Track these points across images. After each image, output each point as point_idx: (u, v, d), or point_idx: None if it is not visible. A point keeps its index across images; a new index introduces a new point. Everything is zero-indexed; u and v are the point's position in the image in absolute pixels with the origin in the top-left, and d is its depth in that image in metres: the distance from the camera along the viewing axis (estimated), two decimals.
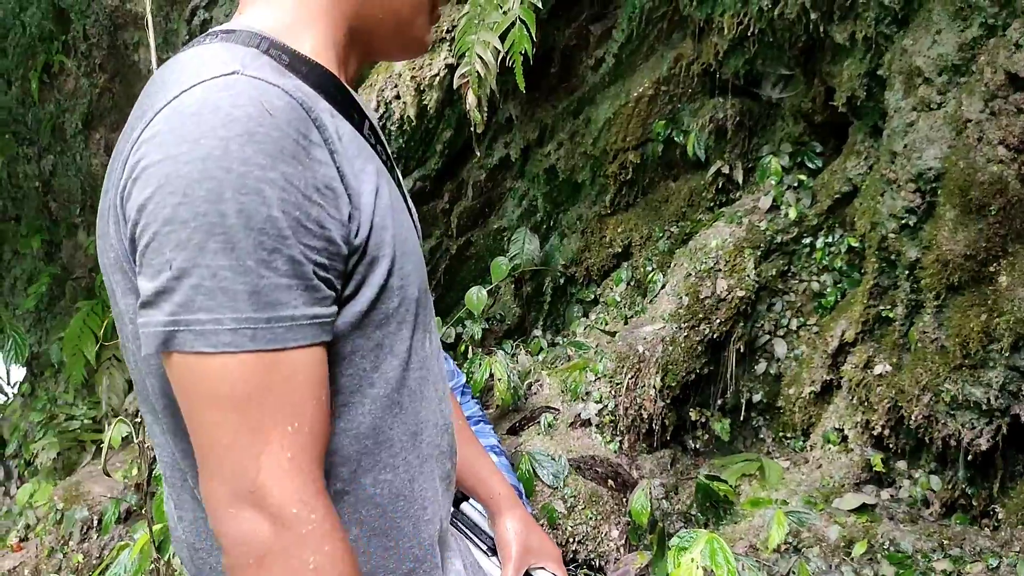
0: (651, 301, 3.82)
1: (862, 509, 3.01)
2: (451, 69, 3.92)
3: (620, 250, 4.38)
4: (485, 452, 1.41)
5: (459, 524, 1.40)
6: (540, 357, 4.23)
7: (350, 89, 0.99)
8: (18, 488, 6.44)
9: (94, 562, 5.12)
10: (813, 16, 3.42)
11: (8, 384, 7.04)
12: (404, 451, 0.98)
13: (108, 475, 3.91)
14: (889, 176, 3.07)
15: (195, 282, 0.77)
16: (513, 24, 3.51)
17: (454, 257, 4.68)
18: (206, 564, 0.98)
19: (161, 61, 4.68)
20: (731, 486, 3.28)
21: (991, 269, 2.82)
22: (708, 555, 2.16)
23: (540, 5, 3.48)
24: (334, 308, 0.85)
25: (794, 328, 3.67)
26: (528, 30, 3.47)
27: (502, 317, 4.70)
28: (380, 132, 1.04)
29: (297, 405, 0.81)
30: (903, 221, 3.02)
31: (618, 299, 4.24)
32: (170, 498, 1.01)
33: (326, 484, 0.91)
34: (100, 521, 5.14)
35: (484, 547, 1.38)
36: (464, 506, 1.43)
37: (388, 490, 0.96)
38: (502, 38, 3.54)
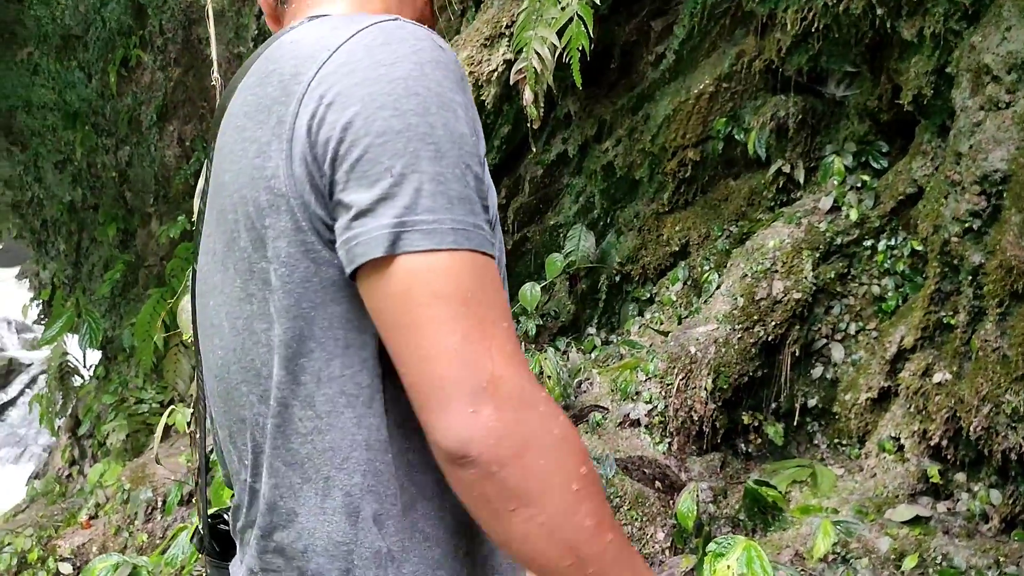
0: (705, 301, 3.76)
1: (916, 521, 2.92)
2: (509, 65, 3.92)
3: (677, 249, 4.32)
4: None
5: None
6: (593, 355, 4.20)
7: None
8: (91, 467, 6.68)
9: (157, 542, 5.26)
10: (879, 12, 3.32)
11: (84, 367, 7.31)
12: None
13: (159, 463, 4.02)
14: (953, 178, 2.96)
15: (416, 186, 0.81)
16: (571, 20, 3.49)
17: (510, 253, 4.68)
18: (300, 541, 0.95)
19: (233, 55, 4.77)
20: (781, 492, 3.21)
21: None
22: (745, 562, 2.12)
23: (598, 1, 3.45)
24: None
25: (852, 332, 3.57)
26: (585, 26, 3.45)
27: (557, 314, 4.69)
28: None
29: (502, 303, 0.85)
30: (967, 224, 2.91)
31: (674, 298, 4.19)
32: (261, 478, 0.97)
33: None
34: (164, 502, 5.29)
35: None
36: None
37: None
38: (559, 34, 3.52)
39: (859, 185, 3.71)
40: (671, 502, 3.33)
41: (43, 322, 7.96)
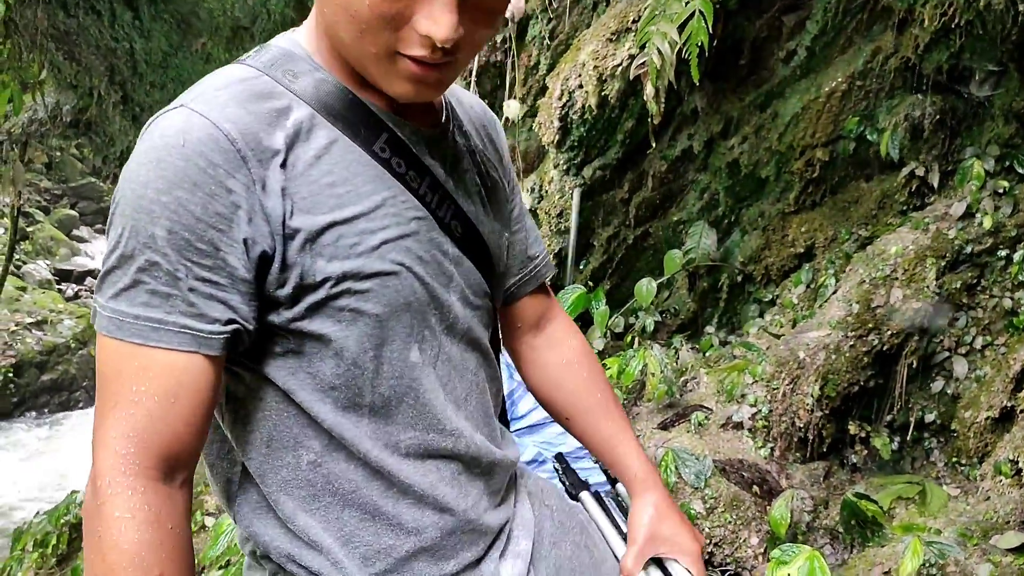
0: (820, 306, 3.65)
1: (1022, 550, 2.75)
2: (633, 59, 3.92)
3: (802, 250, 4.20)
4: (625, 429, 1.33)
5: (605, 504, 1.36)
6: (707, 354, 4.15)
7: (371, 104, 1.01)
8: None
9: None
10: (1021, 7, 3.12)
11: None
12: (376, 449, 1.03)
13: None
14: None
15: (102, 275, 0.92)
16: (692, 15, 3.46)
17: (631, 247, 4.68)
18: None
19: None
20: (883, 508, 3.09)
21: None
22: (807, 573, 2.08)
23: None
24: (217, 327, 0.91)
25: (979, 347, 3.38)
26: (705, 21, 3.41)
27: (677, 311, 4.65)
28: (414, 145, 1.04)
29: (141, 396, 0.90)
30: None
31: (795, 301, 4.08)
32: None
33: (301, 452, 1.01)
34: None
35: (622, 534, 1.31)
36: (584, 495, 1.36)
37: (361, 473, 1.03)
38: (680, 29, 3.50)
39: (1000, 191, 3.49)
40: (767, 508, 3.27)
41: None
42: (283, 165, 0.92)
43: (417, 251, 1.01)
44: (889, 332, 3.35)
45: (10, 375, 11.02)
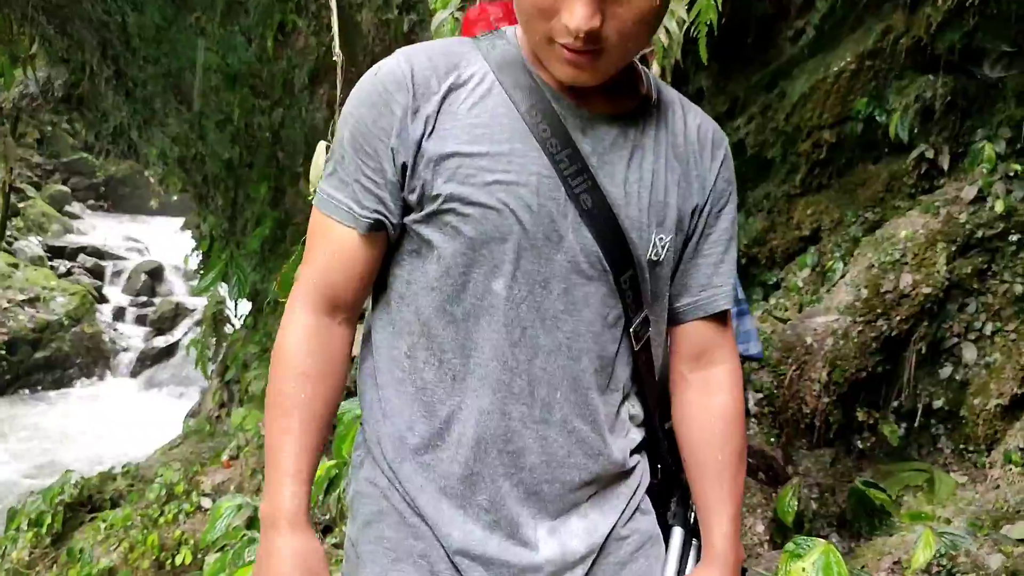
0: (828, 291, 3.60)
1: None
2: None
3: (808, 233, 4.14)
4: (727, 500, 1.33)
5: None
6: None
7: (539, 78, 1.20)
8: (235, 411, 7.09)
9: None
10: None
11: (235, 316, 7.74)
12: (452, 354, 1.20)
13: None
14: None
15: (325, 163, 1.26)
16: None
17: None
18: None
19: (381, 22, 4.88)
20: (890, 496, 3.05)
21: None
22: (822, 567, 2.04)
23: None
24: (367, 212, 1.19)
25: (988, 333, 3.33)
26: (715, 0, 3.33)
27: None
28: (565, 119, 1.19)
29: (318, 252, 1.23)
30: None
31: (800, 285, 4.03)
32: None
33: (403, 341, 1.24)
34: None
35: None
36: (676, 531, 1.38)
37: (435, 374, 1.21)
38: (688, 8, 3.42)
39: (1011, 174, 3.44)
40: (773, 495, 3.23)
41: (202, 271, 8.47)
42: (442, 100, 1.16)
43: (528, 200, 1.15)
44: (898, 318, 3.30)
45: (3, 352, 10.94)
